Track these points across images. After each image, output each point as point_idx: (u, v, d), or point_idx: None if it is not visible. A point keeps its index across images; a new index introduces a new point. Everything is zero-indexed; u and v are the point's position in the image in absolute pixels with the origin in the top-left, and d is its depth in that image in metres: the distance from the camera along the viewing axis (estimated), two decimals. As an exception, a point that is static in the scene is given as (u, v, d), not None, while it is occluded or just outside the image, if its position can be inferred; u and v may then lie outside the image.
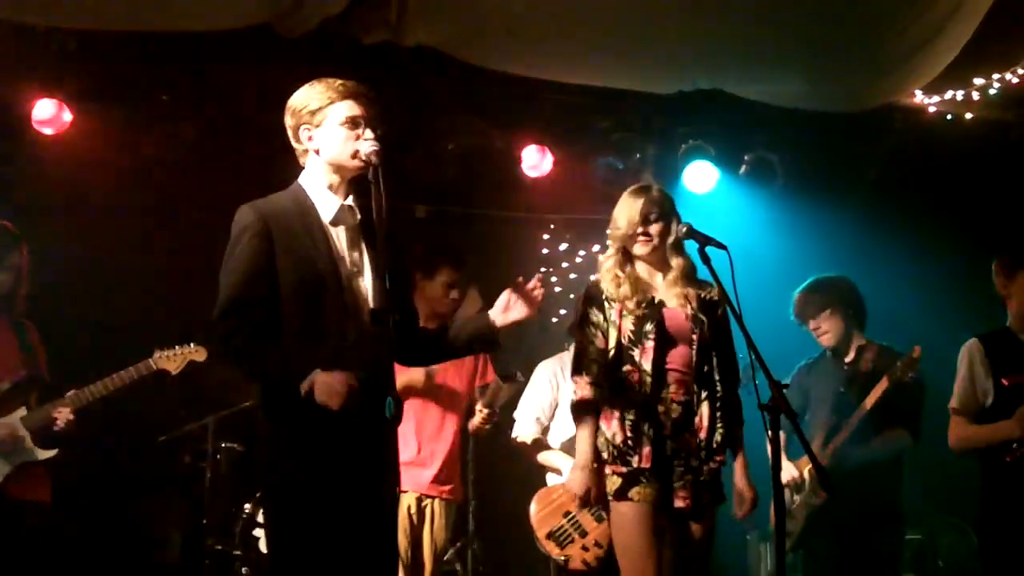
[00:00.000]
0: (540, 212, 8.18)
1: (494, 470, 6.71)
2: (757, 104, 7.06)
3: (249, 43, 6.35)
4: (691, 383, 4.66)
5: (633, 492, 4.57)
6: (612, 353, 4.67)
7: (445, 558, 5.80)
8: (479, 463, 6.46)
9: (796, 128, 7.39)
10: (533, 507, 5.88)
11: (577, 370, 4.76)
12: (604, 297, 4.74)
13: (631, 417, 4.60)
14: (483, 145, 7.32)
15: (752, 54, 6.59)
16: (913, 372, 5.65)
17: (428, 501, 5.67)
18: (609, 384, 4.67)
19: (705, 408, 4.65)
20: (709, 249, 4.33)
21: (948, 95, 7.16)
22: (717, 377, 4.71)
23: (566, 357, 6.03)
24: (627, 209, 4.77)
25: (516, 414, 6.15)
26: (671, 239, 4.74)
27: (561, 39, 6.37)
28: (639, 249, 4.73)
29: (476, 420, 5.89)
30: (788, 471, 5.67)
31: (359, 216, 3.99)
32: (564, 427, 5.94)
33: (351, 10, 6.01)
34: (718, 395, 4.69)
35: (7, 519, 5.33)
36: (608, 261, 4.81)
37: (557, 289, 8.15)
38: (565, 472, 5.76)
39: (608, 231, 4.86)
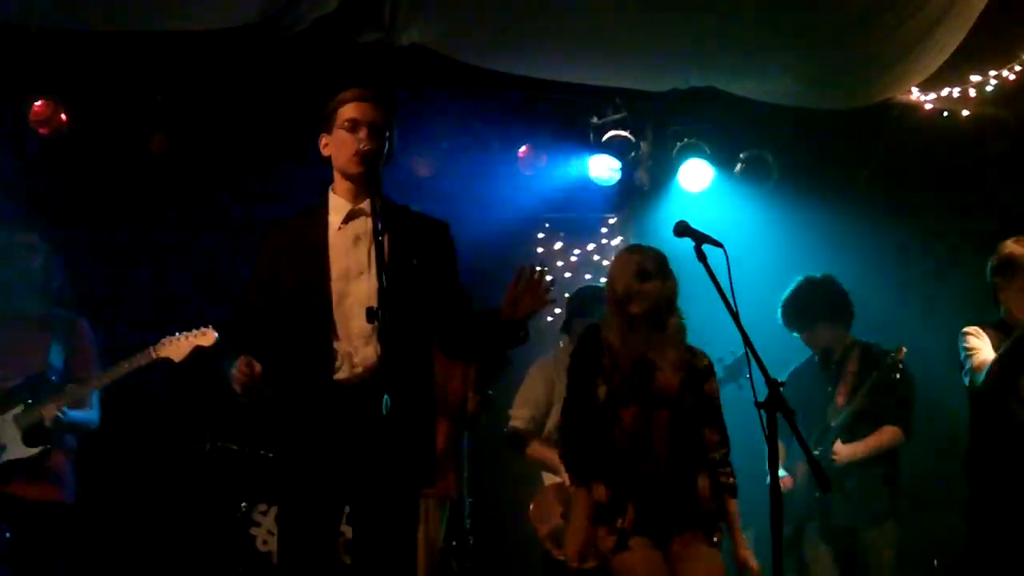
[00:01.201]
0: (534, 211, 8.16)
1: (490, 467, 6.69)
2: (752, 102, 7.06)
3: (243, 42, 6.35)
4: (677, 448, 4.57)
5: (628, 545, 4.48)
6: (600, 407, 4.61)
7: (439, 556, 5.80)
8: (474, 459, 6.45)
9: (791, 126, 7.38)
10: (533, 507, 5.89)
11: (568, 410, 4.73)
12: (604, 346, 4.68)
13: (615, 477, 4.55)
14: (477, 144, 7.30)
15: (746, 51, 6.59)
16: (899, 370, 5.66)
17: (421, 498, 5.65)
18: (597, 442, 4.60)
19: (700, 479, 4.59)
20: (705, 247, 4.32)
21: (944, 92, 7.16)
22: (708, 448, 4.65)
23: (561, 355, 6.03)
24: (623, 268, 4.74)
25: (511, 410, 6.15)
26: (666, 298, 4.69)
27: (555, 37, 6.38)
28: (635, 308, 4.67)
29: (469, 406, 5.90)
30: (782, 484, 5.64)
31: (370, 218, 4.00)
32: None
33: (345, 9, 6.01)
34: (711, 466, 4.63)
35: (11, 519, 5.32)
36: (608, 322, 4.75)
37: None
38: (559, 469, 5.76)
39: (604, 292, 4.84)
